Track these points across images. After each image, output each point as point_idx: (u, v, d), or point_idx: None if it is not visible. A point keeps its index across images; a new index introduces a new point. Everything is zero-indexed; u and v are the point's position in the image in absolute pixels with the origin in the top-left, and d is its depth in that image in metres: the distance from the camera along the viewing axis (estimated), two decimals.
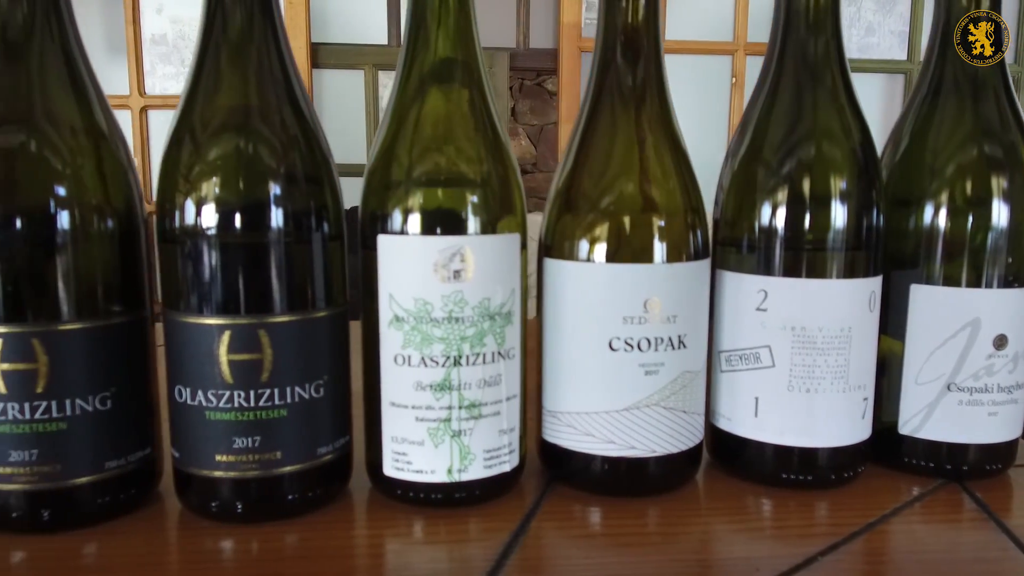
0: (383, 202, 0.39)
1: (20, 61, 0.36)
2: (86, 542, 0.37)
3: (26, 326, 0.35)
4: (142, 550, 0.37)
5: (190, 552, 0.37)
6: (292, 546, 0.37)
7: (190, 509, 0.39)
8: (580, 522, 0.40)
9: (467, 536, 0.38)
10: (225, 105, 0.37)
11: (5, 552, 0.36)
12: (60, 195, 0.36)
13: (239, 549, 0.37)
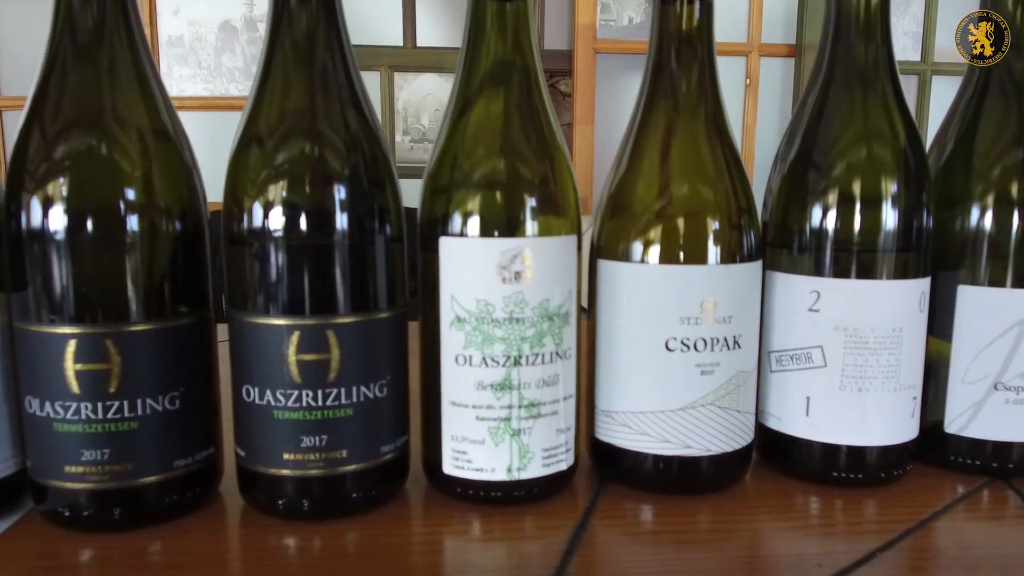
0: (445, 205, 0.39)
1: (91, 63, 0.37)
2: (152, 540, 0.38)
3: (99, 327, 0.36)
4: (208, 548, 0.37)
5: (255, 549, 0.37)
6: (354, 543, 0.38)
7: (255, 507, 0.40)
8: (637, 520, 0.40)
9: (527, 533, 0.39)
10: (292, 108, 0.38)
11: (73, 550, 0.37)
12: (131, 197, 0.36)
13: (302, 546, 0.37)
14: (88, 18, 0.37)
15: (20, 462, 0.39)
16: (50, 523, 0.38)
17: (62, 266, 0.35)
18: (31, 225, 0.35)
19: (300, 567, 0.36)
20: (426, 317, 0.41)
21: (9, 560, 0.36)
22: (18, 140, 0.37)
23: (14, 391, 0.39)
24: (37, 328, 0.36)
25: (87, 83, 0.37)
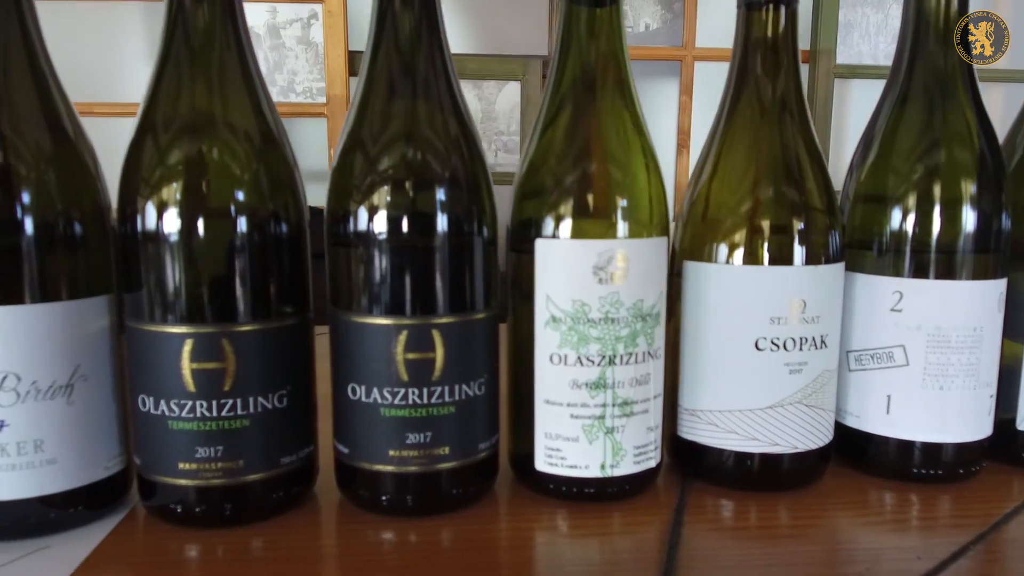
0: (539, 208, 0.40)
1: (201, 68, 0.38)
2: (254, 536, 0.39)
3: (215, 327, 0.37)
4: (309, 543, 0.38)
5: (354, 544, 0.38)
6: (450, 539, 0.39)
7: (356, 503, 0.41)
8: (727, 516, 0.41)
9: (621, 529, 0.40)
10: (397, 113, 0.39)
11: (179, 546, 0.38)
12: (243, 199, 0.37)
13: (400, 541, 0.38)
14: (199, 22, 0.38)
15: (125, 459, 0.40)
16: (158, 519, 0.39)
17: (179, 268, 0.36)
18: (146, 227, 0.36)
19: (399, 562, 0.37)
20: (517, 317, 0.42)
21: (121, 556, 0.37)
22: (131, 145, 0.38)
23: (121, 390, 0.39)
24: (153, 328, 0.37)
25: (198, 88, 0.38)
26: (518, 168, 0.43)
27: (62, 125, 0.38)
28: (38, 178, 0.36)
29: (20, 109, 0.36)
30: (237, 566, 0.36)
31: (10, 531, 0.37)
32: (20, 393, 0.35)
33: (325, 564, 0.37)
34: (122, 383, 0.40)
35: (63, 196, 0.37)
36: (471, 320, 0.39)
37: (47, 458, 0.36)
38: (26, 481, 0.36)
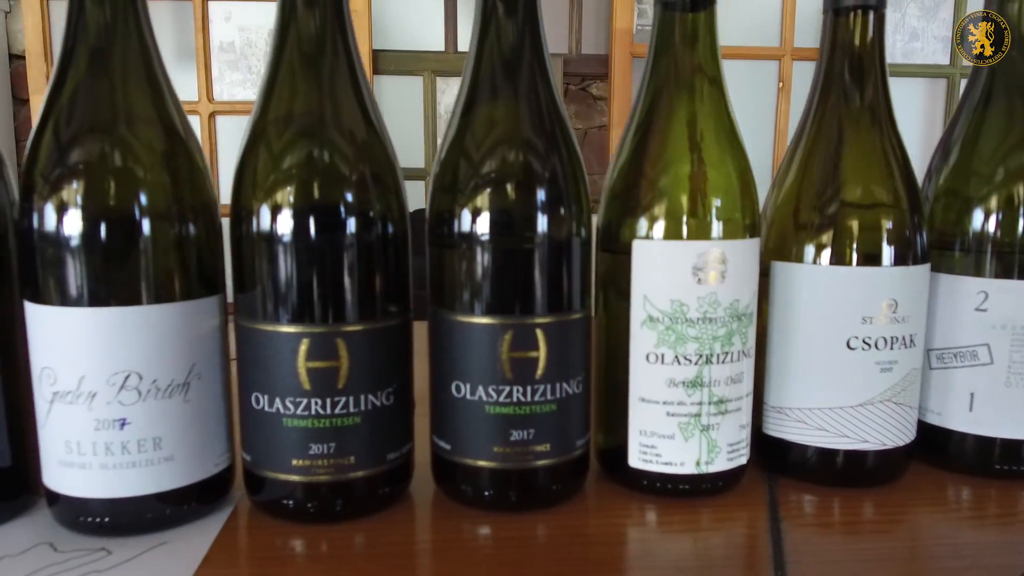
0: (635, 209, 0.41)
1: (313, 72, 0.39)
2: (357, 531, 0.39)
3: (330, 326, 0.37)
4: (411, 538, 0.39)
5: (456, 539, 0.39)
6: (545, 534, 0.39)
7: (456, 498, 0.42)
8: (818, 512, 0.42)
9: (716, 525, 0.40)
10: (500, 117, 0.40)
11: (285, 540, 0.38)
12: (352, 200, 0.38)
13: (499, 536, 0.39)
14: (312, 29, 0.39)
15: (231, 456, 0.41)
16: (266, 514, 0.40)
17: (296, 269, 0.37)
18: (262, 229, 0.37)
19: (497, 557, 0.37)
20: (611, 317, 0.43)
21: (238, 550, 0.37)
22: (245, 148, 0.39)
23: (228, 390, 0.40)
24: (269, 327, 0.37)
25: (310, 92, 0.38)
26: (608, 170, 0.44)
27: (174, 124, 0.38)
28: (155, 178, 0.37)
29: (137, 110, 0.37)
30: (348, 560, 0.37)
31: (128, 527, 0.38)
32: (141, 392, 0.36)
33: (426, 559, 0.37)
34: (228, 381, 0.41)
35: (178, 196, 0.38)
36: (570, 320, 0.40)
37: (165, 455, 0.37)
38: (145, 478, 0.37)
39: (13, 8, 2.08)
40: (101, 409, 0.36)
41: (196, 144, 0.40)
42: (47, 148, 0.36)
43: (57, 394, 0.36)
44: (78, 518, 0.37)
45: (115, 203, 0.36)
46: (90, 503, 0.37)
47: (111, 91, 0.37)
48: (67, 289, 0.35)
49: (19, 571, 0.34)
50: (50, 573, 0.34)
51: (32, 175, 0.36)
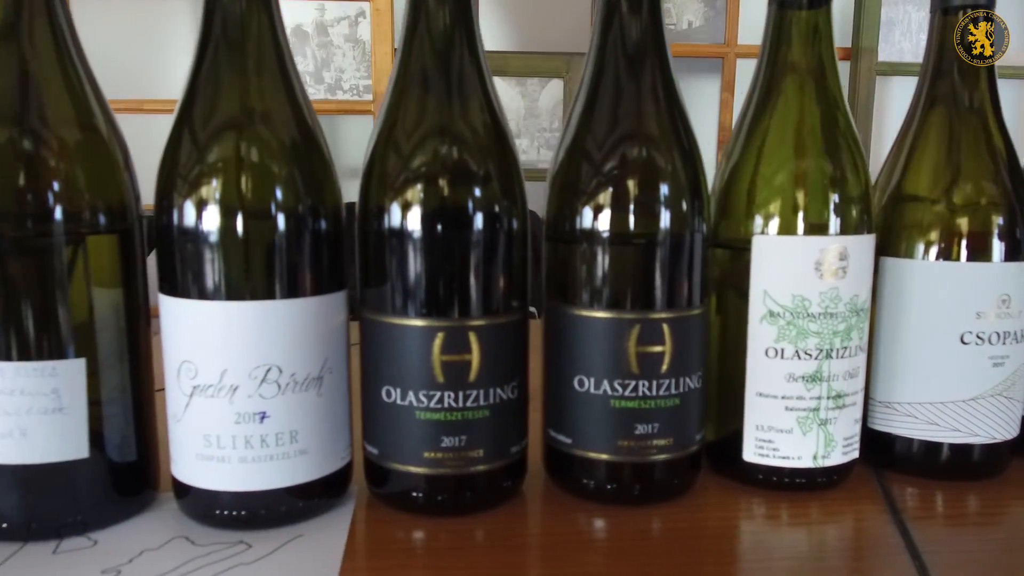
0: (753, 205, 0.42)
1: (442, 72, 0.39)
2: (480, 524, 0.40)
3: (463, 320, 0.38)
4: (527, 530, 0.40)
5: (571, 531, 0.39)
6: (660, 528, 0.40)
7: (575, 491, 0.42)
8: (934, 504, 0.42)
9: (838, 518, 0.41)
10: (624, 115, 0.40)
11: (415, 533, 0.39)
12: (484, 197, 0.38)
13: (612, 530, 0.39)
14: (440, 26, 0.39)
15: (352, 451, 0.41)
16: (392, 507, 0.40)
17: (432, 264, 0.37)
18: (397, 226, 0.38)
19: (614, 549, 0.38)
20: (726, 312, 0.43)
21: (374, 543, 0.38)
22: (374, 151, 0.39)
23: (348, 386, 0.41)
24: (404, 321, 0.38)
25: (440, 93, 0.39)
26: (717, 169, 0.44)
27: (306, 120, 0.39)
28: (290, 173, 0.37)
29: (273, 107, 0.38)
30: (488, 552, 0.37)
31: (263, 520, 0.38)
32: (281, 385, 0.37)
33: (543, 551, 0.38)
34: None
35: (310, 190, 0.38)
36: (692, 316, 0.40)
37: (300, 448, 0.38)
38: (282, 471, 0.37)
39: None
40: (242, 402, 0.36)
41: (324, 139, 0.40)
42: (186, 145, 0.37)
43: (197, 387, 0.36)
44: (213, 511, 0.38)
45: (255, 198, 0.36)
46: (226, 496, 0.37)
47: (246, 88, 0.37)
48: (209, 283, 0.36)
49: (164, 564, 0.35)
50: (196, 565, 0.35)
51: (171, 172, 0.37)
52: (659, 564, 0.36)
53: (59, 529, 0.37)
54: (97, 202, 0.36)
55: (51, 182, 0.35)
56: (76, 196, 0.36)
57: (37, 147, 0.35)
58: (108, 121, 0.38)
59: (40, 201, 0.35)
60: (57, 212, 0.35)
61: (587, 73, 0.41)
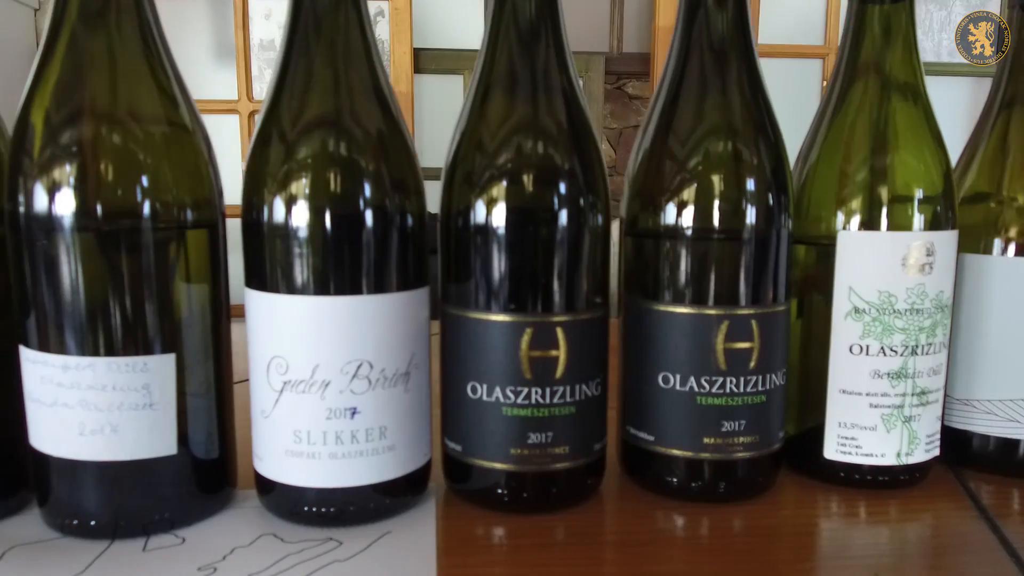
0: (838, 201, 0.41)
1: (528, 71, 0.38)
2: (561, 521, 0.39)
3: (551, 316, 0.37)
4: (603, 527, 0.39)
5: (652, 529, 0.39)
6: (742, 525, 0.39)
7: (654, 489, 0.42)
8: (1015, 502, 0.42)
9: (924, 515, 0.40)
10: (711, 107, 0.40)
11: (490, 529, 0.38)
12: (573, 192, 0.38)
13: (692, 527, 0.39)
14: (525, 23, 0.39)
15: (431, 448, 0.41)
16: (475, 504, 0.40)
17: (521, 260, 0.37)
18: (480, 222, 0.37)
19: (693, 547, 0.38)
20: (808, 309, 0.43)
21: (464, 539, 0.37)
22: (458, 150, 0.39)
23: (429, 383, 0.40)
24: (491, 317, 0.37)
25: (525, 92, 0.38)
26: (796, 167, 0.44)
27: (393, 116, 0.38)
28: (379, 169, 0.37)
29: (361, 104, 0.37)
30: (580, 549, 0.37)
31: (350, 517, 0.37)
32: (371, 381, 0.36)
33: (629, 548, 0.37)
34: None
35: (397, 186, 0.38)
36: (778, 312, 0.40)
37: (388, 445, 0.37)
38: (371, 468, 0.37)
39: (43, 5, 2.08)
40: (334, 398, 0.36)
41: (409, 135, 0.40)
42: (275, 144, 0.36)
43: (288, 383, 0.36)
44: (301, 508, 0.37)
45: (349, 195, 0.36)
46: (315, 493, 0.37)
47: (336, 85, 0.37)
48: (301, 279, 0.35)
49: (258, 561, 0.34)
50: (291, 563, 0.34)
51: (260, 170, 0.36)
52: (744, 561, 0.36)
53: (146, 526, 0.36)
54: (186, 197, 0.36)
55: (143, 177, 0.35)
56: (168, 191, 0.35)
57: (130, 141, 0.35)
58: (194, 116, 0.37)
59: (133, 196, 0.35)
60: (149, 207, 0.35)
61: (669, 69, 0.41)
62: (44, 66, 0.35)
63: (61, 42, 0.35)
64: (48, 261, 0.34)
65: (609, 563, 0.36)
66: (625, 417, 0.42)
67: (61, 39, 0.35)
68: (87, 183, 0.34)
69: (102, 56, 0.35)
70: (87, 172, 0.34)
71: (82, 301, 0.34)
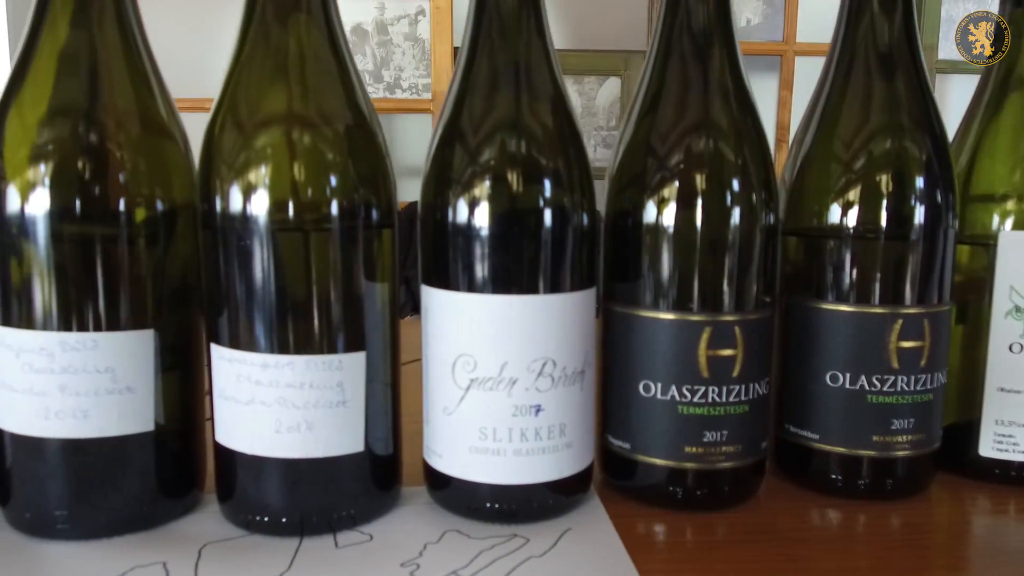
0: (997, 201, 0.41)
1: (701, 68, 0.39)
2: (723, 520, 0.40)
3: (730, 315, 0.38)
4: (785, 524, 0.39)
5: (806, 525, 0.40)
6: (899, 522, 0.39)
7: (817, 486, 0.42)
8: None
9: None
10: (876, 109, 0.40)
11: (667, 527, 0.39)
12: (747, 191, 0.38)
13: (848, 521, 0.40)
14: (698, 24, 0.39)
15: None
16: (640, 501, 0.40)
17: (702, 259, 0.37)
18: (656, 222, 0.38)
19: (849, 540, 0.38)
20: (964, 309, 0.43)
21: (645, 537, 0.38)
22: (626, 152, 0.39)
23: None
24: (669, 316, 0.38)
25: (698, 92, 0.39)
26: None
27: (571, 117, 0.39)
28: (557, 169, 0.37)
29: (541, 106, 0.37)
30: (758, 546, 0.37)
31: (533, 513, 0.38)
32: (554, 378, 0.37)
33: (808, 545, 0.37)
34: None
35: (574, 187, 0.38)
36: (942, 312, 0.40)
37: (566, 442, 0.38)
38: (552, 464, 0.37)
39: None
40: (520, 395, 0.36)
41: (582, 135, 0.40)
42: (459, 146, 0.37)
43: (475, 380, 0.36)
44: (483, 504, 0.38)
45: (538, 196, 0.36)
46: (498, 489, 0.37)
47: (517, 88, 0.37)
48: (489, 278, 0.36)
49: (455, 558, 0.35)
50: (487, 559, 0.35)
51: (443, 172, 0.37)
52: (910, 559, 0.36)
53: (332, 523, 0.37)
54: (372, 198, 0.37)
55: (336, 177, 0.35)
56: (357, 191, 0.36)
57: (321, 142, 0.35)
58: (374, 117, 0.38)
59: (328, 197, 0.35)
60: (343, 207, 0.35)
61: (830, 75, 0.41)
62: (236, 71, 0.35)
63: (253, 44, 0.35)
64: (248, 261, 0.34)
65: (806, 559, 0.36)
66: (784, 415, 0.43)
67: (254, 42, 0.35)
68: (286, 184, 0.34)
69: (296, 60, 0.36)
70: (285, 173, 0.35)
71: (282, 300, 0.34)
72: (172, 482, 0.38)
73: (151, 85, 0.37)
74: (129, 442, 0.36)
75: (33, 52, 0.35)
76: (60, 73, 0.35)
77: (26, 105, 0.35)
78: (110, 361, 0.34)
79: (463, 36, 0.38)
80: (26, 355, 0.34)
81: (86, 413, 0.34)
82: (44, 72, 0.35)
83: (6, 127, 0.35)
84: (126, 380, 0.35)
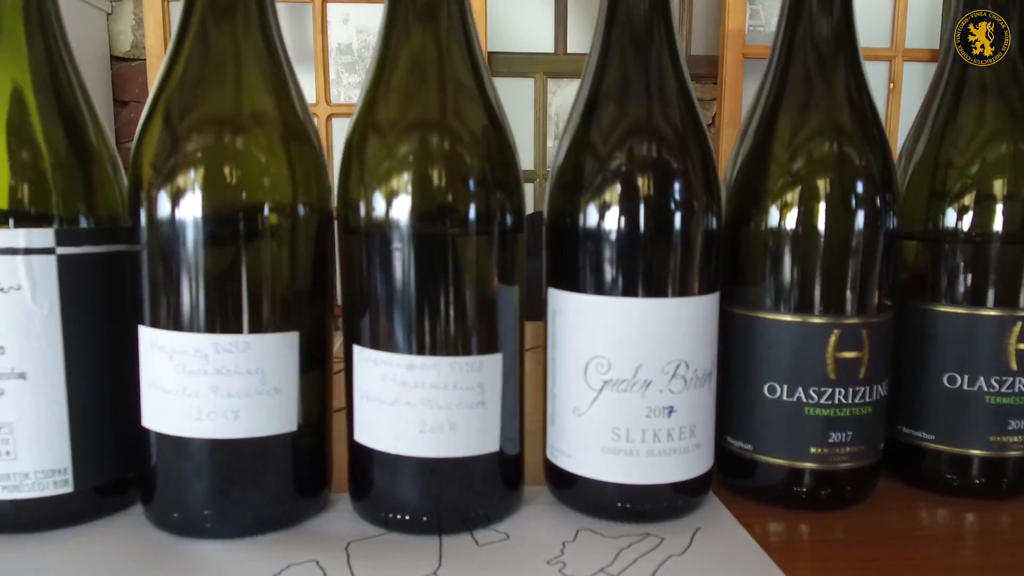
0: None
1: (822, 72, 0.39)
2: (841, 519, 0.40)
3: (857, 318, 0.38)
4: (900, 524, 0.40)
5: (926, 524, 0.40)
6: (1009, 522, 0.40)
7: (930, 487, 0.42)
8: None
9: None
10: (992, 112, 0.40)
11: (764, 524, 0.39)
12: (863, 192, 0.39)
13: (955, 520, 0.40)
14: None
15: None
16: (762, 501, 0.41)
17: (829, 262, 0.38)
18: (789, 226, 0.38)
19: (958, 538, 0.39)
20: None
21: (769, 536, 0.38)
22: (750, 158, 0.40)
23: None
24: (797, 319, 0.38)
25: (818, 103, 0.39)
26: None
27: (698, 119, 0.39)
28: (690, 172, 0.38)
29: (671, 109, 0.38)
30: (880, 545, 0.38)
31: (663, 513, 0.39)
32: (687, 380, 0.37)
33: (927, 544, 0.38)
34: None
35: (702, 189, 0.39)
36: None
37: (696, 443, 0.38)
38: (682, 465, 0.38)
39: (115, 9, 2.11)
40: (653, 397, 0.37)
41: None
42: (590, 152, 0.38)
43: (609, 382, 0.37)
44: (613, 504, 0.38)
45: (669, 199, 0.37)
46: (621, 489, 0.38)
47: (650, 93, 0.38)
48: (623, 281, 0.36)
49: (598, 557, 0.35)
50: (629, 558, 0.35)
51: (574, 180, 0.38)
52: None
53: (467, 521, 0.38)
54: (506, 202, 0.37)
55: (471, 181, 0.36)
56: (493, 194, 0.37)
57: (458, 145, 0.36)
58: (504, 116, 0.39)
59: (468, 202, 0.36)
60: (486, 212, 0.36)
61: (944, 74, 0.42)
62: (379, 78, 0.36)
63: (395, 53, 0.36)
64: (394, 265, 0.35)
65: (925, 556, 0.36)
66: (898, 416, 0.43)
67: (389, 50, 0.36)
68: (432, 190, 0.35)
69: (433, 69, 0.36)
70: (431, 180, 0.35)
71: (426, 303, 0.35)
72: (307, 481, 0.39)
73: (290, 89, 0.38)
74: (272, 442, 0.37)
75: (179, 58, 0.36)
76: (208, 80, 0.36)
77: (173, 112, 0.36)
78: (260, 362, 0.35)
79: (591, 45, 0.39)
80: (180, 357, 0.35)
81: (237, 414, 0.35)
82: (192, 79, 0.36)
83: (156, 135, 0.36)
84: (274, 381, 0.36)
